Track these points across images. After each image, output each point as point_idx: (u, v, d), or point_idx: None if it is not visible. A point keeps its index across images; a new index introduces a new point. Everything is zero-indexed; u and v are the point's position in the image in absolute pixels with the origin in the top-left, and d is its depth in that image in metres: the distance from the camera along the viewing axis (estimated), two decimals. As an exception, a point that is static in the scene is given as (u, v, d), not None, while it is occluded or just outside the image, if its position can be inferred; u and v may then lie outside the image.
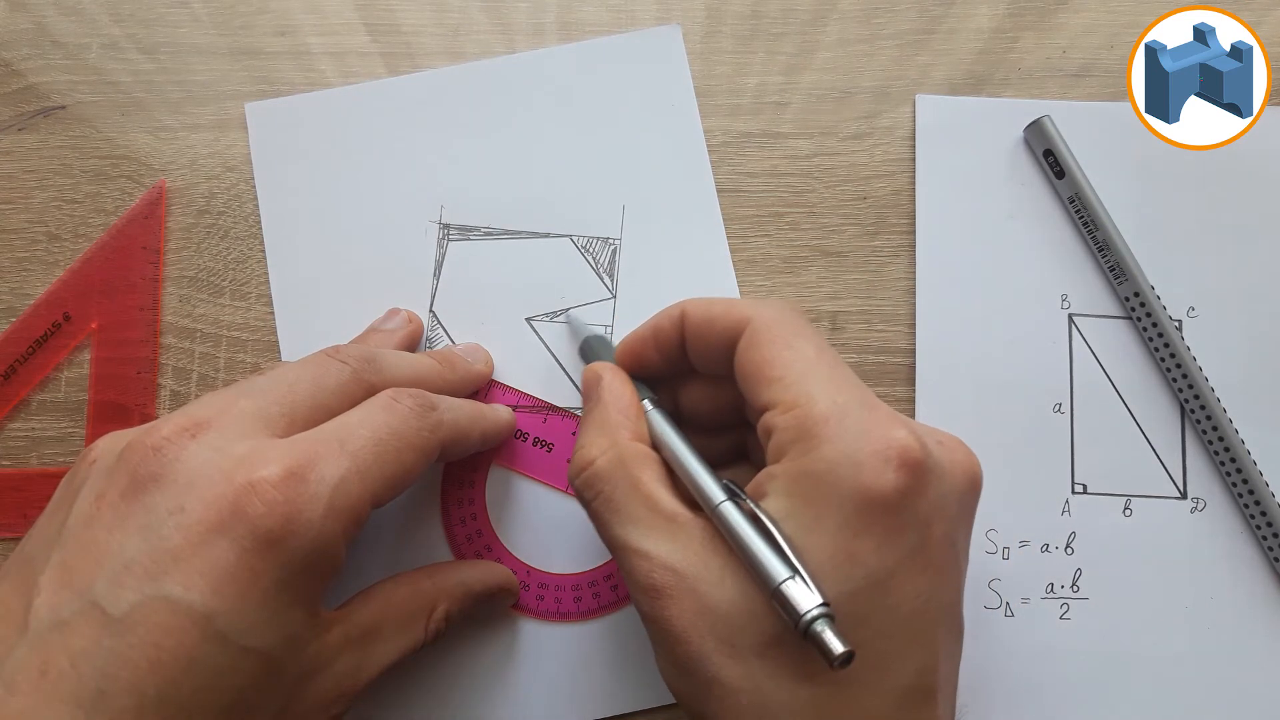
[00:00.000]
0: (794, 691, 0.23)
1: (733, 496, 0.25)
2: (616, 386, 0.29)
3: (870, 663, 0.23)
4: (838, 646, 0.21)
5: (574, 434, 0.35)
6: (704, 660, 0.24)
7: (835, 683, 0.23)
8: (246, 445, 0.25)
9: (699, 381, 0.31)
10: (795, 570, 0.23)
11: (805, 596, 0.22)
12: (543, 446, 0.34)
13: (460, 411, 0.30)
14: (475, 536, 0.34)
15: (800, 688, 0.23)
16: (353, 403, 0.28)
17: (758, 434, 0.26)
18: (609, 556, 0.34)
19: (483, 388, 0.35)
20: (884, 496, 0.23)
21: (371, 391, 0.28)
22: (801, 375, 0.25)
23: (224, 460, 0.24)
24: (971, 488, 0.26)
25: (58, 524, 0.25)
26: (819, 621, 0.22)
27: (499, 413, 0.33)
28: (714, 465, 0.27)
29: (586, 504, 0.28)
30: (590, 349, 0.33)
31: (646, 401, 0.29)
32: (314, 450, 0.25)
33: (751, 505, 0.24)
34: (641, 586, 0.25)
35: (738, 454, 0.31)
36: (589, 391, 0.30)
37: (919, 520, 0.23)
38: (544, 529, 0.34)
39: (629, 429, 0.28)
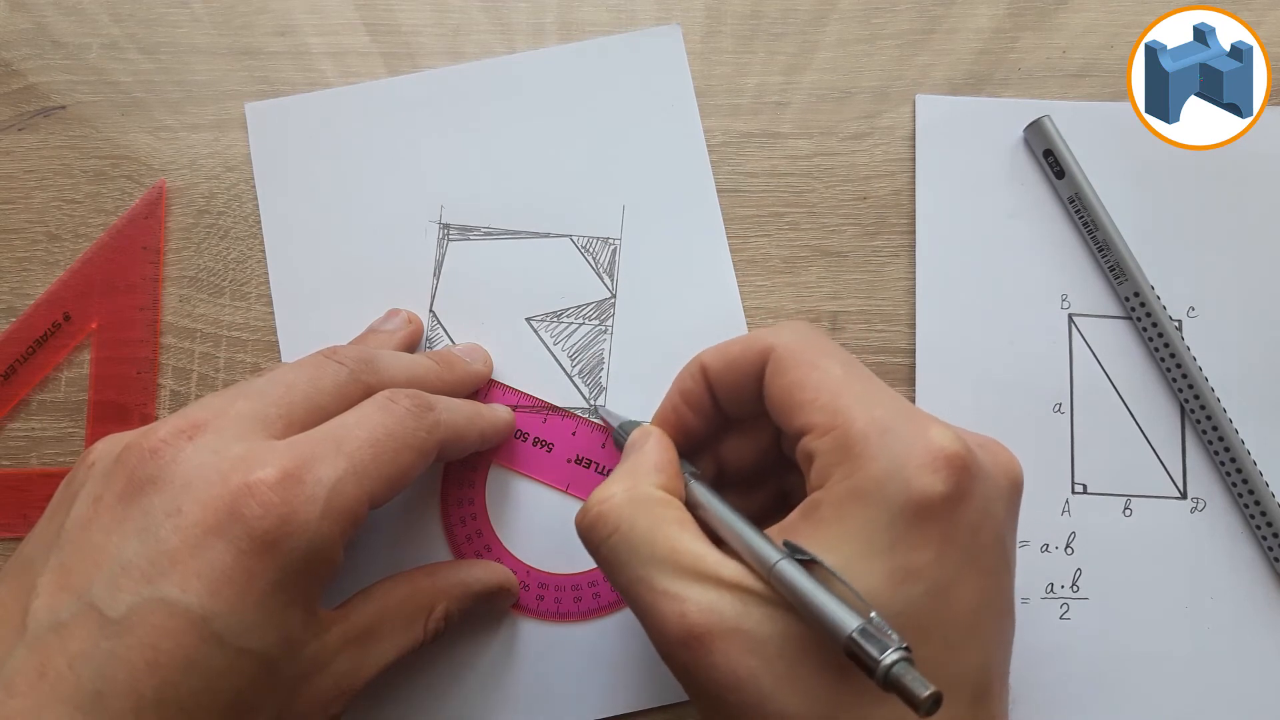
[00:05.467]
0: (866, 712, 0.23)
1: (785, 552, 0.24)
2: (659, 446, 0.29)
3: (938, 673, 0.22)
4: (923, 690, 0.20)
5: (574, 434, 0.35)
6: (765, 701, 0.23)
7: None
8: (243, 447, 0.25)
9: (737, 432, 0.30)
10: (863, 616, 0.22)
11: (878, 642, 0.21)
12: (543, 446, 0.34)
13: (458, 412, 0.30)
14: (475, 536, 0.34)
15: (872, 708, 0.23)
16: (350, 404, 0.28)
17: (798, 461, 0.26)
18: None
19: (482, 388, 0.35)
20: (934, 504, 0.23)
21: (369, 392, 0.28)
22: (833, 394, 0.25)
23: (220, 462, 0.24)
24: (1014, 488, 0.26)
25: (56, 526, 0.25)
26: (898, 666, 0.21)
27: (497, 413, 0.33)
28: (756, 518, 0.26)
29: (599, 543, 0.26)
30: (626, 433, 0.32)
31: (687, 474, 0.29)
32: (310, 451, 0.25)
33: (811, 556, 0.23)
34: (674, 635, 0.23)
35: (779, 503, 0.31)
36: (629, 448, 0.29)
37: (970, 525, 0.23)
38: (544, 529, 0.34)
39: (658, 481, 0.27)
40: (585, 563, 0.34)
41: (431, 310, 0.36)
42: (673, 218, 0.36)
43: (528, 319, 0.36)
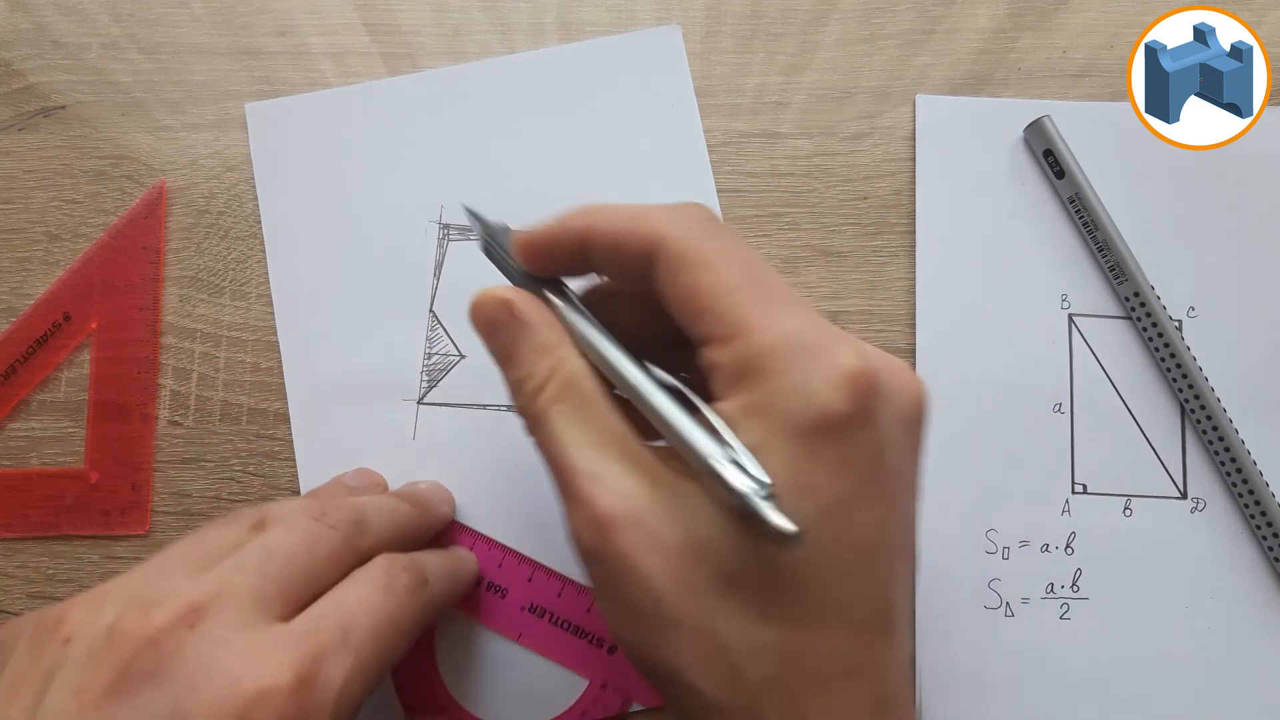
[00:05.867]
0: (755, 631, 0.22)
1: (659, 382, 0.24)
2: (535, 307, 0.26)
3: (830, 599, 0.22)
4: (786, 524, 0.20)
5: (530, 579, 0.33)
6: (659, 600, 0.22)
7: (795, 622, 0.22)
8: (248, 638, 0.23)
9: (624, 294, 0.27)
10: (733, 449, 0.22)
11: (744, 475, 0.21)
12: (497, 592, 0.33)
13: (444, 579, 0.29)
14: (422, 681, 0.33)
15: (761, 628, 0.22)
16: (344, 570, 0.27)
17: (700, 369, 0.24)
18: (566, 705, 0.33)
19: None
20: (835, 423, 0.22)
21: (360, 557, 0.27)
22: (732, 303, 0.23)
23: (227, 659, 0.23)
24: (919, 416, 0.25)
25: (23, 710, 0.22)
26: (767, 499, 0.21)
27: (469, 567, 0.32)
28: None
29: (543, 424, 0.25)
30: (495, 237, 0.28)
31: (546, 291, 0.26)
32: (319, 647, 0.24)
33: (678, 385, 0.23)
34: (589, 517, 0.23)
35: (675, 359, 0.28)
36: (502, 321, 0.26)
37: (870, 448, 0.22)
38: (494, 677, 0.33)
39: (570, 346, 0.25)
40: (538, 714, 0.33)
41: (432, 310, 0.36)
42: (673, 218, 0.36)
43: (528, 319, 0.36)
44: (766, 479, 0.21)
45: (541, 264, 0.27)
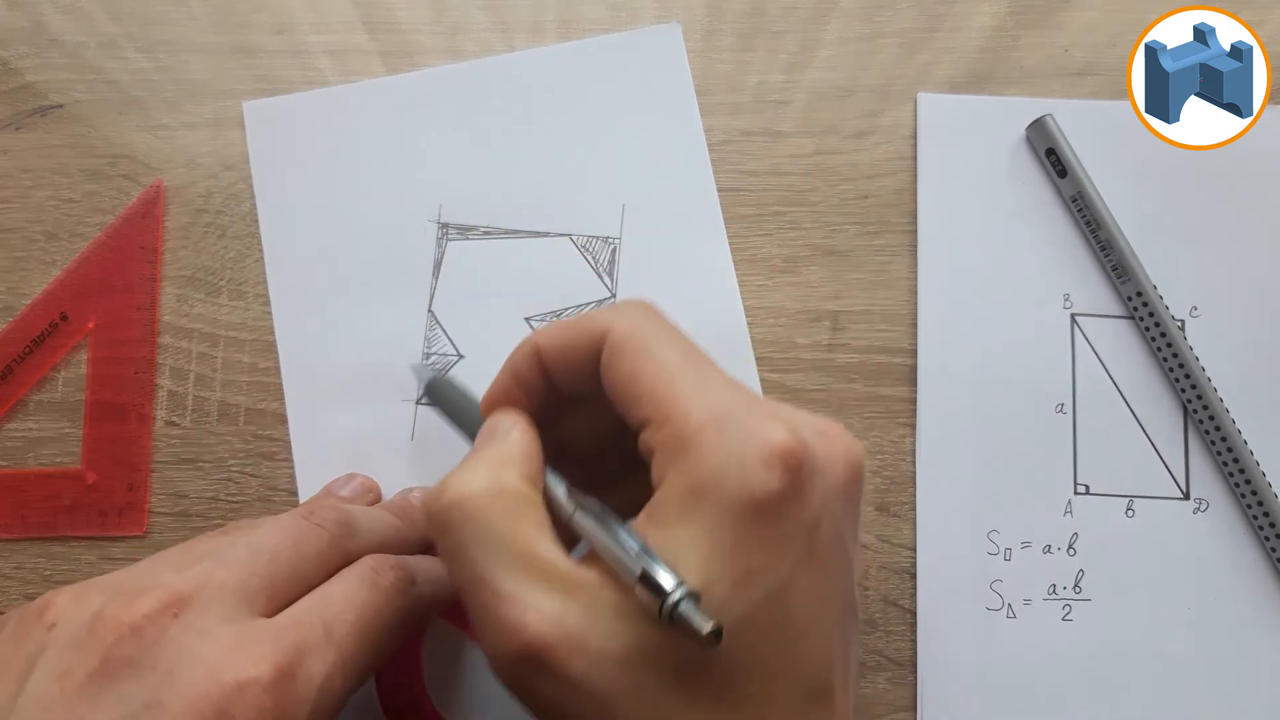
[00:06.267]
0: (704, 715, 0.22)
1: (586, 504, 0.25)
2: (526, 436, 0.27)
3: (773, 675, 0.22)
4: (704, 625, 0.21)
5: None
6: (612, 709, 0.22)
7: (742, 701, 0.23)
8: (230, 630, 0.23)
9: (576, 408, 0.29)
10: (646, 562, 0.22)
11: (662, 583, 0.21)
12: None
13: (432, 586, 0.29)
14: (407, 692, 0.32)
15: (710, 712, 0.22)
16: (330, 570, 0.27)
17: (642, 455, 0.25)
18: None
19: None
20: (770, 502, 0.22)
21: (347, 558, 0.27)
22: (669, 386, 0.24)
23: (208, 650, 0.23)
24: (854, 477, 0.25)
25: (6, 694, 0.22)
26: (684, 603, 0.21)
27: None
28: (605, 484, 0.26)
29: (448, 532, 0.24)
30: (442, 394, 0.30)
31: (565, 492, 0.27)
32: (301, 641, 0.24)
33: (588, 506, 0.24)
34: (512, 646, 0.22)
35: (629, 466, 0.28)
36: (490, 432, 0.27)
37: (807, 523, 0.23)
38: (480, 693, 0.33)
39: (524, 473, 0.25)
40: None
41: (431, 310, 0.36)
42: (673, 217, 0.36)
43: (527, 319, 0.35)
44: (674, 583, 0.21)
45: (505, 401, 0.28)
